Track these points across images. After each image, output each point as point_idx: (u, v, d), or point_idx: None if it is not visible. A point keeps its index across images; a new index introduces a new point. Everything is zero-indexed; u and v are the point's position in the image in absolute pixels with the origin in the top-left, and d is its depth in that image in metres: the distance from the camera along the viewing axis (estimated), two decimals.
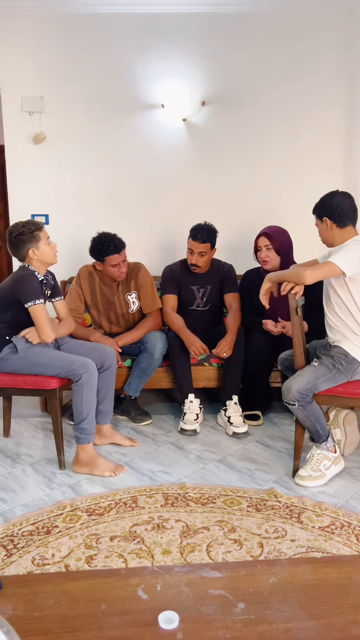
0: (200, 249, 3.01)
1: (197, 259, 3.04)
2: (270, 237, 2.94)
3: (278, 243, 2.93)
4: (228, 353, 2.90)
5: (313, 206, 2.38)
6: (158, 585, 0.99)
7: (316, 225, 2.39)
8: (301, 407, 2.22)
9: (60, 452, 2.46)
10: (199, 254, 3.03)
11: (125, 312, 3.08)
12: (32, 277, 2.42)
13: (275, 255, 2.95)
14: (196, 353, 2.92)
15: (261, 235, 2.98)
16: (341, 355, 2.25)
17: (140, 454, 2.64)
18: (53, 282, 2.61)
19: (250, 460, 2.56)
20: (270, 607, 0.93)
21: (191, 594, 0.97)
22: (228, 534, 1.93)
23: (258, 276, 3.09)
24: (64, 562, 1.78)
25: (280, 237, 2.95)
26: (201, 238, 2.98)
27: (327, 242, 2.37)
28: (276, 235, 2.94)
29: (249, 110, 3.66)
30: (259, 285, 3.03)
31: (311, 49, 3.60)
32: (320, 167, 3.72)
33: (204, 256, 3.04)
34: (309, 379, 2.22)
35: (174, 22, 3.54)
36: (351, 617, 0.91)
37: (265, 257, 2.96)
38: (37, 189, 3.71)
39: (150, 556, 1.81)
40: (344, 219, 2.28)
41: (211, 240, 3.03)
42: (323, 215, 2.31)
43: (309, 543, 1.87)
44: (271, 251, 2.94)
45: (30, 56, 3.56)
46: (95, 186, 3.72)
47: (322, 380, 2.22)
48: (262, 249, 2.97)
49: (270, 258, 2.95)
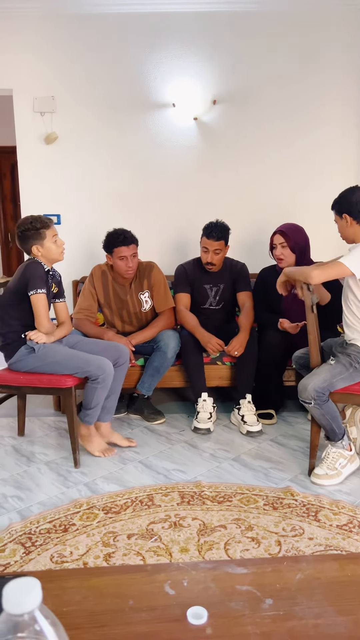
0: (215, 247, 3.01)
1: (212, 257, 3.03)
2: (285, 235, 2.93)
3: (293, 241, 2.93)
4: (240, 351, 2.89)
5: (331, 203, 2.35)
6: (184, 581, 0.99)
7: (335, 221, 2.36)
8: (317, 406, 2.22)
9: (76, 450, 2.47)
10: (214, 252, 3.03)
11: (138, 311, 3.08)
12: (38, 265, 2.45)
13: (290, 253, 2.94)
14: (213, 350, 2.92)
15: (276, 233, 2.98)
16: (358, 354, 2.24)
17: (154, 453, 2.64)
18: (59, 279, 2.62)
19: (264, 459, 2.55)
20: (299, 603, 0.93)
21: (218, 589, 0.97)
22: (245, 532, 1.93)
23: (274, 274, 3.08)
24: (82, 560, 1.79)
25: (296, 235, 2.95)
26: (215, 236, 2.98)
27: (347, 239, 2.34)
28: (291, 233, 2.94)
29: (260, 109, 3.66)
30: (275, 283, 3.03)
31: (321, 46, 3.59)
32: (332, 164, 3.71)
33: (218, 254, 3.04)
34: (325, 377, 2.21)
35: (185, 21, 3.54)
36: None
37: (280, 255, 2.96)
38: (48, 189, 3.72)
39: (168, 554, 1.81)
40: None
41: (225, 237, 3.03)
42: (342, 212, 2.28)
43: (327, 541, 1.86)
44: (286, 249, 2.94)
45: (42, 57, 3.58)
46: (107, 186, 3.73)
47: (338, 379, 2.21)
48: (277, 246, 2.96)
49: (285, 256, 2.94)
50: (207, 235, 3.02)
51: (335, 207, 2.34)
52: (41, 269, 2.44)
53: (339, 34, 3.57)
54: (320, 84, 3.63)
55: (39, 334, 2.43)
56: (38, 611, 0.48)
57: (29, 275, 2.39)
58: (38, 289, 2.38)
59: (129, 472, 2.44)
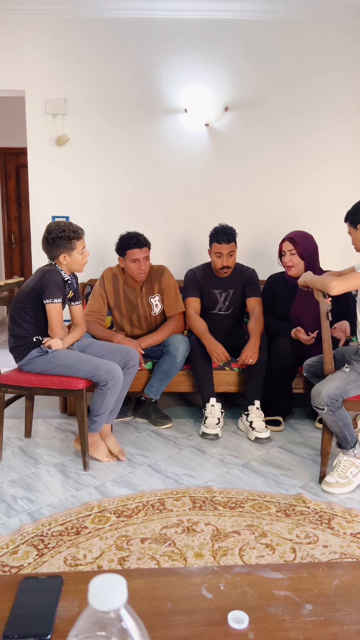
0: (228, 250, 3.02)
1: (227, 260, 3.04)
2: (294, 242, 2.94)
3: (302, 248, 2.93)
4: (254, 359, 2.89)
5: (344, 214, 2.35)
6: (221, 585, 0.98)
7: (349, 233, 2.35)
8: (330, 412, 2.21)
9: (85, 453, 2.45)
10: (228, 254, 3.03)
11: (148, 314, 3.08)
12: (57, 274, 2.44)
13: (299, 260, 2.94)
14: (218, 360, 2.92)
15: (285, 240, 2.98)
16: None
17: (163, 457, 2.63)
18: (76, 285, 2.62)
19: (274, 466, 2.54)
20: (338, 609, 0.92)
21: (256, 594, 0.96)
22: (259, 538, 1.92)
23: (282, 281, 3.09)
24: (96, 563, 1.77)
25: (305, 243, 2.95)
26: (226, 239, 3.00)
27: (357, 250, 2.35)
28: (300, 240, 2.94)
29: (272, 116, 3.68)
30: (283, 290, 3.04)
31: (333, 55, 3.61)
32: (345, 171, 3.73)
33: (232, 255, 3.06)
34: (339, 384, 2.21)
35: (198, 27, 3.56)
36: None
37: (289, 262, 2.96)
38: (58, 190, 3.72)
39: (182, 559, 1.79)
40: None
41: (234, 238, 3.05)
42: (357, 223, 2.28)
43: (342, 549, 1.85)
44: (295, 256, 2.94)
45: (55, 59, 3.58)
46: (117, 189, 3.73)
47: (353, 387, 2.21)
48: (286, 253, 2.97)
49: (294, 263, 2.95)
50: (218, 240, 3.02)
51: (349, 218, 2.33)
52: (60, 278, 2.44)
53: (349, 41, 3.60)
54: (331, 90, 3.65)
55: (56, 340, 2.42)
56: (124, 609, 0.48)
57: (47, 283, 2.38)
58: (54, 299, 2.39)
59: (138, 475, 2.42)
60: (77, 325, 2.63)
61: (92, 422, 2.47)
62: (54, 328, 2.42)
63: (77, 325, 2.63)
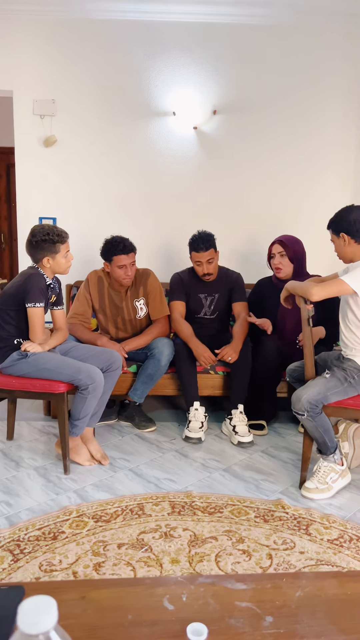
0: (207, 257, 3.02)
1: (207, 267, 3.04)
2: (284, 245, 2.96)
3: (292, 251, 2.96)
4: (233, 357, 2.89)
5: (328, 220, 2.33)
6: (184, 596, 0.98)
7: (332, 241, 2.33)
8: (310, 418, 2.22)
9: (66, 456, 2.44)
10: (208, 262, 3.03)
11: (133, 318, 3.07)
12: (40, 278, 2.44)
13: (288, 262, 2.97)
14: (205, 363, 2.92)
15: (275, 243, 3.01)
16: (354, 369, 2.25)
17: (145, 461, 2.62)
18: (58, 290, 2.61)
19: (255, 470, 2.55)
20: (299, 622, 0.92)
21: (218, 605, 0.96)
22: (236, 544, 1.92)
23: (270, 285, 3.10)
24: (71, 569, 1.76)
25: (294, 246, 2.98)
26: (204, 247, 2.99)
27: (344, 259, 2.32)
28: (290, 243, 2.97)
29: (260, 120, 3.68)
30: (271, 294, 3.05)
31: (322, 59, 3.62)
32: (331, 176, 3.74)
33: (212, 262, 3.05)
34: (319, 389, 2.21)
35: (188, 30, 3.56)
36: None
37: (278, 264, 2.98)
38: (46, 192, 3.71)
39: (158, 565, 1.79)
40: None
41: (212, 244, 3.04)
42: (340, 231, 2.25)
43: (319, 556, 1.86)
44: (284, 258, 2.97)
45: (43, 60, 3.57)
46: (104, 191, 3.73)
47: (332, 392, 2.22)
48: (276, 255, 2.99)
49: (284, 265, 2.97)
50: (195, 249, 3.03)
51: (332, 226, 2.31)
52: (43, 282, 2.43)
53: (339, 47, 3.61)
54: (320, 96, 3.66)
55: (33, 344, 2.42)
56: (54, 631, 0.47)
57: (30, 287, 2.38)
58: (36, 303, 2.38)
59: (119, 480, 2.42)
60: (59, 330, 2.63)
61: (73, 426, 2.46)
62: (35, 332, 2.41)
63: (59, 329, 2.63)
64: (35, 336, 2.43)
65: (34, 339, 2.43)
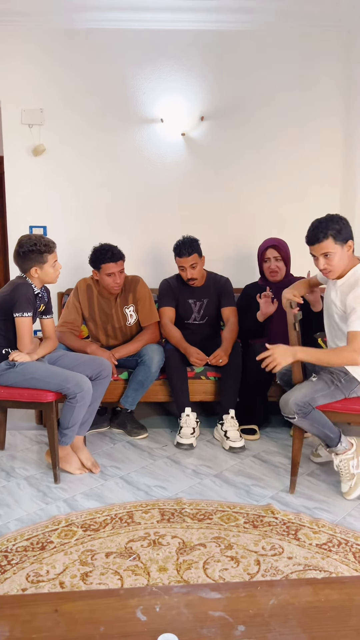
0: (190, 262, 3.03)
1: (191, 272, 3.05)
2: (278, 249, 3.01)
3: (284, 253, 3.03)
4: (224, 360, 2.90)
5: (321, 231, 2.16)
6: (157, 607, 0.98)
7: (328, 253, 2.16)
8: (302, 417, 2.21)
9: (56, 465, 2.44)
10: (191, 267, 3.04)
11: (123, 325, 3.07)
12: (28, 288, 2.44)
13: (283, 265, 3.04)
14: (197, 363, 2.93)
15: (269, 247, 3.03)
16: (341, 372, 2.25)
17: (136, 468, 2.62)
18: (47, 299, 2.62)
19: (246, 476, 2.54)
20: (271, 630, 0.92)
21: (191, 615, 0.96)
22: (225, 550, 1.91)
23: (258, 288, 3.11)
24: (58, 579, 1.76)
25: (285, 248, 3.06)
26: (186, 252, 3.01)
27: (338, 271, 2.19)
28: (282, 246, 3.04)
29: (248, 126, 3.70)
30: None
31: (309, 66, 3.64)
32: (319, 181, 3.75)
33: (195, 267, 3.06)
34: (306, 392, 2.21)
35: (174, 38, 3.58)
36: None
37: (275, 268, 3.03)
38: (35, 200, 3.72)
39: (146, 573, 1.78)
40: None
41: (196, 249, 3.05)
42: (348, 239, 2.15)
43: (306, 561, 1.85)
44: (280, 262, 3.03)
45: (31, 69, 3.59)
46: (94, 199, 3.74)
47: (319, 395, 2.21)
48: (271, 259, 3.03)
49: (280, 268, 3.03)
50: (179, 254, 3.04)
51: (334, 235, 2.14)
52: (31, 292, 2.43)
53: (327, 54, 3.63)
54: (308, 102, 3.67)
55: (21, 354, 2.42)
56: None
57: (18, 297, 2.39)
58: (24, 312, 2.39)
59: (109, 488, 2.41)
60: (48, 339, 2.63)
61: (62, 435, 2.46)
62: (23, 341, 2.42)
63: (48, 338, 2.63)
64: (24, 346, 2.43)
65: (22, 348, 2.44)
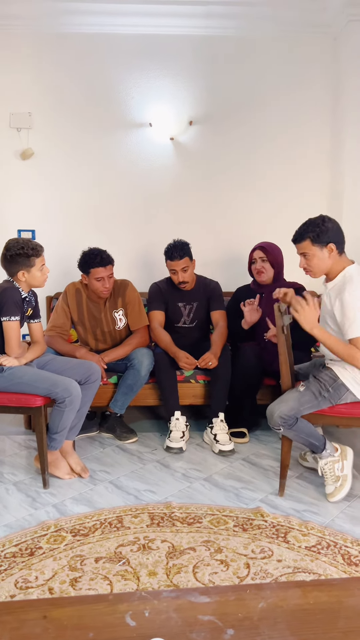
0: (182, 266, 3.04)
1: (182, 276, 3.06)
2: (265, 250, 3.04)
3: (272, 256, 3.04)
4: (214, 363, 2.91)
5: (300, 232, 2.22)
6: (146, 612, 0.98)
7: (306, 253, 2.21)
8: (288, 429, 2.22)
9: (45, 470, 2.43)
10: (182, 270, 3.06)
11: (112, 329, 3.07)
12: (16, 291, 2.43)
13: (269, 267, 3.06)
14: (187, 367, 2.93)
15: (256, 249, 3.07)
16: (330, 379, 2.22)
17: (125, 473, 2.61)
18: (35, 303, 2.60)
19: (236, 479, 2.55)
20: (260, 633, 0.92)
21: (180, 620, 0.96)
22: (214, 554, 1.91)
23: (249, 291, 3.13)
24: (47, 585, 1.75)
25: (275, 252, 3.07)
26: (178, 255, 3.02)
27: (320, 273, 2.22)
28: (271, 249, 3.06)
29: (236, 130, 3.72)
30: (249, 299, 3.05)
31: (297, 72, 3.68)
32: (307, 186, 3.78)
33: (187, 271, 3.07)
34: (292, 405, 2.21)
35: (163, 43, 3.60)
36: None
37: (260, 268, 3.05)
38: (24, 204, 3.71)
39: (135, 578, 1.78)
40: (343, 244, 2.19)
41: (187, 253, 3.06)
42: (328, 242, 2.15)
43: (296, 563, 1.86)
44: (266, 262, 3.05)
45: (20, 72, 3.59)
46: (83, 203, 3.74)
47: (306, 407, 2.22)
48: (257, 260, 3.05)
49: (266, 269, 3.05)
50: (170, 257, 3.05)
51: (312, 237, 2.17)
52: (18, 296, 2.42)
53: (314, 60, 3.67)
54: (295, 107, 3.71)
55: (10, 358, 2.40)
56: None
57: (4, 301, 2.38)
58: (12, 316, 2.38)
59: (99, 492, 2.41)
60: (36, 343, 2.62)
61: (51, 439, 2.45)
62: (11, 346, 2.40)
63: (36, 342, 2.62)
64: (11, 350, 2.42)
65: (10, 352, 2.42)
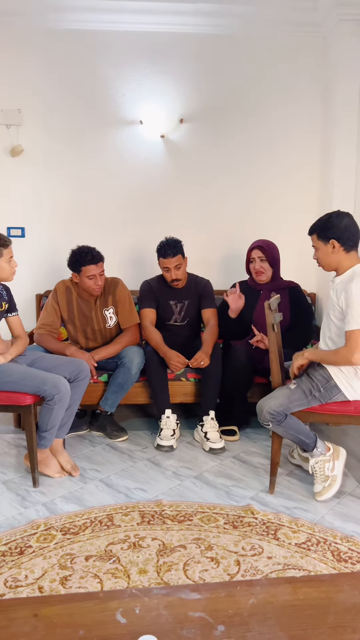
0: (174, 263, 3.04)
1: (175, 273, 3.06)
2: (263, 250, 3.04)
3: (270, 255, 3.05)
4: (206, 362, 2.90)
5: (312, 225, 2.24)
6: (137, 609, 0.98)
7: (315, 247, 2.25)
8: (277, 424, 2.23)
9: (35, 469, 2.42)
10: (175, 267, 3.05)
11: (103, 327, 3.06)
12: None
13: (269, 266, 3.07)
14: (176, 368, 2.92)
15: (255, 248, 3.07)
16: (323, 379, 2.22)
17: (116, 471, 2.61)
18: (8, 297, 2.58)
19: (226, 476, 2.55)
20: (250, 629, 0.92)
21: (170, 616, 0.96)
22: (205, 552, 1.92)
23: (245, 287, 3.13)
24: (37, 584, 1.74)
25: (273, 251, 3.08)
26: (171, 253, 3.02)
27: (328, 266, 2.25)
28: (269, 248, 3.06)
29: (226, 129, 3.72)
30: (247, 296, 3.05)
31: (287, 70, 3.67)
32: (297, 186, 3.78)
33: (180, 268, 3.07)
34: (282, 401, 2.22)
35: (153, 40, 3.58)
36: (331, 637, 0.91)
37: (259, 268, 3.06)
38: (13, 201, 3.68)
39: (126, 576, 1.78)
40: (352, 242, 2.18)
41: (180, 250, 3.06)
42: (330, 238, 2.17)
43: (286, 560, 1.87)
44: (265, 262, 3.06)
45: (9, 69, 3.55)
46: (73, 200, 3.71)
47: (295, 405, 2.23)
48: (256, 260, 3.05)
49: (265, 269, 3.06)
50: (163, 255, 3.05)
51: (318, 232, 2.21)
52: None
53: (305, 60, 3.66)
54: (285, 105, 3.70)
55: None
56: None
57: None
58: None
59: (89, 491, 2.40)
60: (18, 337, 2.58)
61: (41, 437, 2.44)
62: None
63: (18, 337, 2.59)
64: None
65: None
